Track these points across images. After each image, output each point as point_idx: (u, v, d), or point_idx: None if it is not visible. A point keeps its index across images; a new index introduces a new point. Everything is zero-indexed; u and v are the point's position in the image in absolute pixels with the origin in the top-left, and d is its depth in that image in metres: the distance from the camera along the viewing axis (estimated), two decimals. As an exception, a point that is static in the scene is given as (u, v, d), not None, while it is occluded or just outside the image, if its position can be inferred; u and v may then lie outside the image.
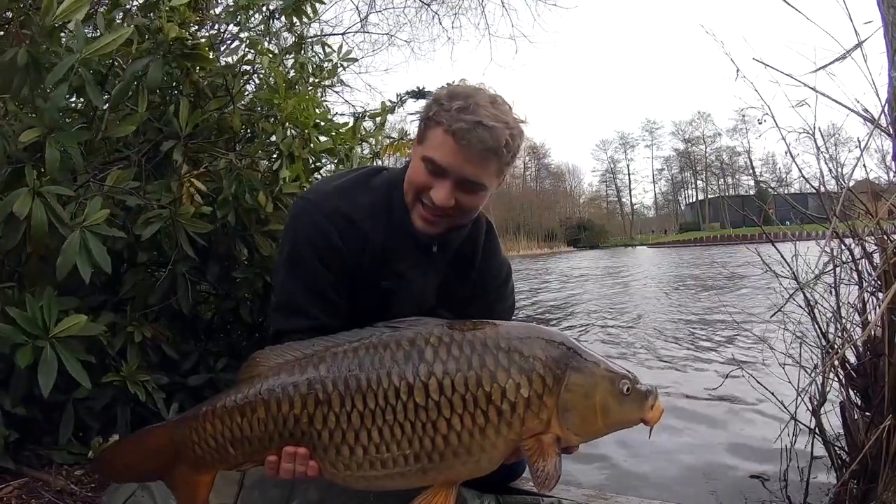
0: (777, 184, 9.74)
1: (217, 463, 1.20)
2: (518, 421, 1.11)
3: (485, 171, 1.37)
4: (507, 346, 1.14)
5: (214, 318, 2.48)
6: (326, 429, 1.12)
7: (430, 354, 1.12)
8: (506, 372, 1.11)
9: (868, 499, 1.98)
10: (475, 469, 1.14)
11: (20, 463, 1.88)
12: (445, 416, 1.10)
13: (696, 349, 5.71)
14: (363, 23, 10.12)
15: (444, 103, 1.35)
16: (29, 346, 1.63)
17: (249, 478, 1.51)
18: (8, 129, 1.70)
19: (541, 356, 1.13)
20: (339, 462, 1.14)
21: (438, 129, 1.34)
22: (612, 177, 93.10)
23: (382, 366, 1.12)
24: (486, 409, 1.10)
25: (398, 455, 1.11)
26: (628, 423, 1.18)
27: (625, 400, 1.14)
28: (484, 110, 1.32)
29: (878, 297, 2.11)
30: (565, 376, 1.13)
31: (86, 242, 1.65)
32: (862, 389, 2.14)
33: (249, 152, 2.33)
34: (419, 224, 1.44)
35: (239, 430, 1.16)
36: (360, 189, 1.53)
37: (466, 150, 1.32)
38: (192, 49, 1.95)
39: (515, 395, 1.10)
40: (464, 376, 1.10)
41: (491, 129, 1.31)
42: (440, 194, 1.36)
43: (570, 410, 1.12)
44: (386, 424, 1.10)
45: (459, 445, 1.11)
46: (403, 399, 1.10)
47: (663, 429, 3.38)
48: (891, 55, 2.12)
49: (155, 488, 1.50)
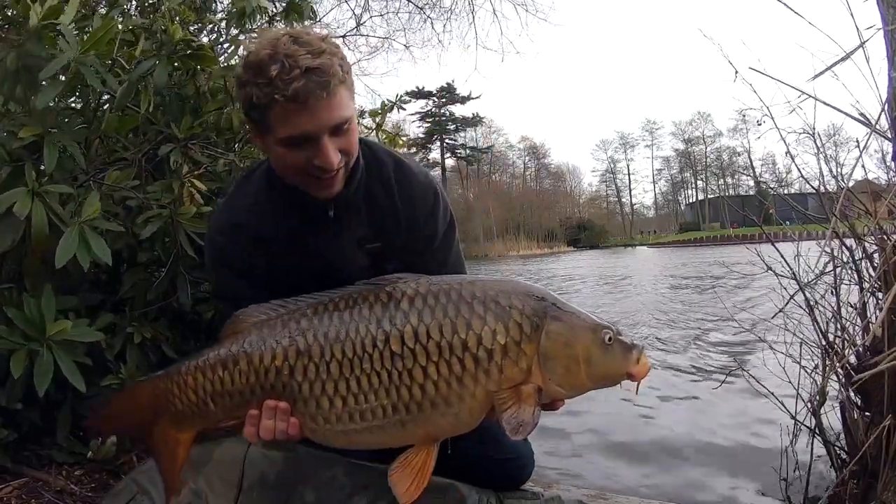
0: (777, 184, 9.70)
1: (197, 419, 1.20)
2: (496, 369, 1.10)
3: (341, 106, 1.27)
4: (483, 296, 1.13)
5: (214, 318, 2.47)
6: (307, 380, 1.12)
7: (407, 305, 1.13)
8: (481, 320, 1.11)
9: (868, 498, 1.98)
10: (455, 423, 1.13)
11: (20, 463, 1.89)
12: (421, 365, 1.10)
13: (696, 349, 5.70)
14: (359, 27, 10.17)
15: (259, 81, 1.22)
16: (24, 350, 1.63)
17: (248, 480, 1.51)
18: (6, 125, 1.70)
19: (518, 305, 1.13)
20: (318, 415, 1.13)
21: (275, 107, 1.23)
22: (612, 177, 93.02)
23: (361, 317, 1.13)
24: (463, 356, 1.10)
25: (376, 406, 1.11)
26: (614, 377, 1.15)
27: (608, 350, 1.13)
28: (297, 55, 1.21)
29: (878, 297, 2.11)
30: (544, 324, 1.12)
31: (84, 236, 1.65)
32: (862, 389, 2.14)
33: (250, 153, 2.33)
34: (322, 194, 1.39)
35: (220, 383, 1.16)
36: (240, 191, 1.53)
37: (315, 101, 1.22)
38: (197, 50, 1.96)
39: (492, 342, 1.10)
40: (439, 324, 1.10)
41: (319, 67, 1.21)
42: (326, 159, 1.28)
43: (551, 359, 1.11)
44: (364, 374, 1.10)
45: (437, 395, 1.10)
46: (380, 347, 1.10)
47: (662, 428, 3.38)
48: (891, 55, 2.12)
49: (155, 492, 1.50)
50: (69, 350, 1.68)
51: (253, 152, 2.36)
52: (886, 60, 2.11)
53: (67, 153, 1.79)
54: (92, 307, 2.02)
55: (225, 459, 1.51)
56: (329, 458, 1.48)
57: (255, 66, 1.23)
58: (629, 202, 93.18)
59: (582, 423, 3.49)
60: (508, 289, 1.17)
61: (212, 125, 2.29)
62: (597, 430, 3.36)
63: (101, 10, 2.04)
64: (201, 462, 1.49)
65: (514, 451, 1.63)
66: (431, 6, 11.21)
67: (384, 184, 1.52)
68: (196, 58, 1.99)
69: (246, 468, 1.51)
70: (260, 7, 2.40)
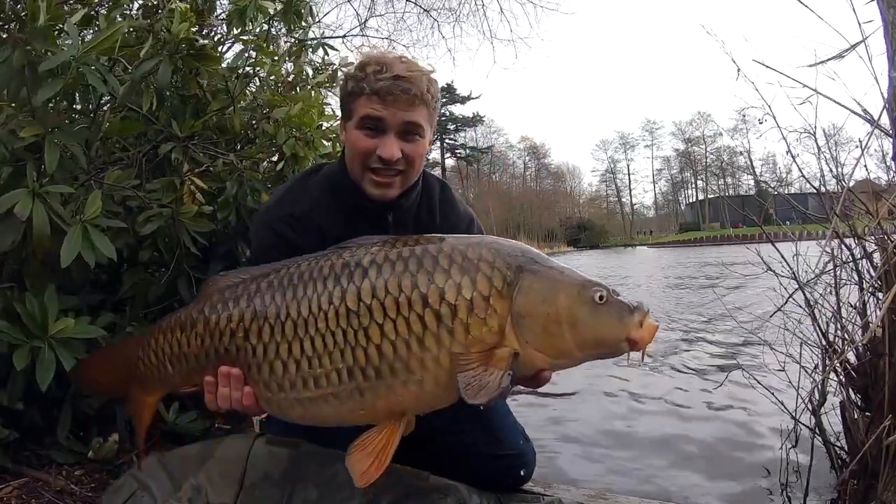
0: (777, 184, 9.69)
1: (158, 382, 1.20)
2: (461, 328, 0.97)
3: (418, 114, 1.43)
4: (450, 250, 1.03)
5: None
6: (261, 343, 1.06)
7: (368, 260, 1.05)
8: (445, 273, 1.00)
9: (868, 498, 1.98)
10: (420, 393, 1.01)
11: (20, 463, 1.89)
12: (378, 322, 0.99)
13: (696, 348, 5.71)
14: (362, 27, 10.15)
15: (357, 74, 1.44)
16: (27, 347, 1.63)
17: (249, 478, 1.51)
18: (8, 125, 1.70)
19: (488, 258, 1.01)
20: (272, 381, 1.07)
21: (361, 97, 1.42)
22: (612, 177, 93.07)
23: (320, 274, 1.07)
24: (423, 313, 0.98)
25: (331, 370, 1.02)
26: (610, 342, 1.00)
27: (598, 310, 0.98)
28: (397, 66, 1.41)
29: (878, 297, 2.11)
30: (519, 279, 0.99)
31: (87, 234, 1.66)
32: (862, 389, 2.14)
33: (251, 153, 2.34)
34: (374, 191, 1.49)
35: (178, 345, 1.15)
36: (299, 191, 1.60)
37: (394, 101, 1.40)
38: (200, 49, 1.96)
39: (456, 296, 0.98)
40: (398, 279, 1.00)
41: (409, 79, 1.40)
42: (387, 149, 1.41)
43: (525, 317, 0.98)
44: (318, 334, 1.02)
45: (396, 358, 0.99)
46: (335, 304, 1.02)
47: (663, 428, 3.39)
48: (891, 55, 2.12)
49: (155, 488, 1.50)
50: (71, 348, 1.69)
51: (253, 152, 2.36)
52: (887, 60, 2.11)
53: (69, 153, 1.79)
54: (93, 307, 2.02)
55: (227, 455, 1.51)
56: (331, 455, 1.48)
57: (360, 66, 1.46)
58: (629, 202, 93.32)
59: (581, 423, 3.49)
60: (480, 243, 1.07)
61: (213, 125, 2.30)
62: (596, 431, 3.36)
63: (102, 10, 2.04)
64: (203, 458, 1.49)
65: (515, 449, 1.63)
66: (439, 10, 11.20)
67: (430, 204, 1.66)
68: (199, 57, 1.99)
69: (249, 465, 1.51)
70: (259, 7, 2.40)
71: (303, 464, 1.51)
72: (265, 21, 2.57)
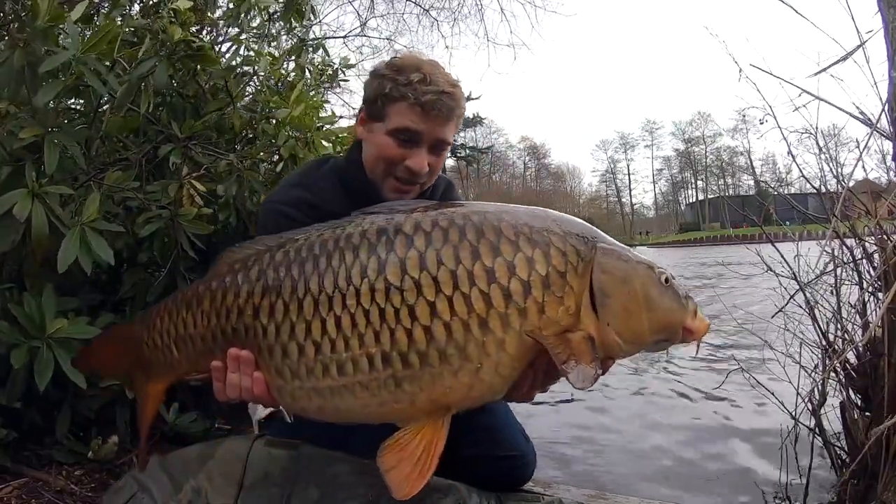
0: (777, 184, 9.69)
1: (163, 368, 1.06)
2: (535, 307, 0.82)
3: (450, 130, 1.47)
4: (512, 220, 0.86)
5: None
6: (273, 322, 0.89)
7: (410, 227, 0.86)
8: (512, 245, 0.83)
9: (868, 499, 1.98)
10: (474, 383, 0.84)
11: (20, 463, 1.89)
12: (428, 300, 0.81)
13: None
14: (363, 27, 10.15)
15: (399, 78, 1.41)
16: (25, 347, 1.63)
17: (250, 477, 1.51)
18: (8, 126, 1.70)
19: (556, 230, 0.87)
20: (285, 367, 0.89)
21: (402, 103, 1.40)
22: (611, 177, 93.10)
23: (349, 243, 0.88)
24: (488, 289, 0.81)
25: (360, 355, 0.83)
26: (674, 327, 0.91)
27: (666, 292, 0.89)
28: (440, 78, 1.42)
29: (878, 297, 2.11)
30: (594, 256, 0.87)
31: (85, 237, 1.66)
32: (862, 389, 2.14)
33: (250, 154, 2.33)
34: (392, 195, 1.48)
35: (183, 325, 1.00)
36: (313, 178, 1.59)
37: (436, 117, 1.40)
38: (198, 50, 1.96)
39: (528, 272, 0.82)
40: (454, 248, 0.82)
41: (451, 95, 1.41)
42: (418, 162, 1.42)
43: (608, 297, 0.85)
44: (346, 312, 0.83)
45: (449, 343, 0.81)
46: (371, 278, 0.83)
47: (662, 428, 3.39)
48: (891, 55, 2.12)
49: (155, 489, 1.50)
50: (69, 348, 1.69)
51: (253, 152, 2.36)
52: (887, 60, 2.11)
53: (68, 154, 1.79)
54: (92, 307, 2.02)
55: (227, 457, 1.51)
56: (332, 455, 1.48)
57: (399, 68, 1.43)
58: (629, 202, 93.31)
59: (581, 423, 3.49)
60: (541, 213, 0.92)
61: (213, 125, 2.30)
62: (596, 431, 3.36)
63: (102, 10, 2.04)
64: (203, 459, 1.49)
65: (516, 450, 1.63)
66: (438, 9, 11.21)
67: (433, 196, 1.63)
68: (196, 58, 1.99)
69: (248, 465, 1.51)
70: (259, 6, 2.40)
71: (303, 464, 1.51)
72: (265, 20, 2.57)
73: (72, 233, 1.64)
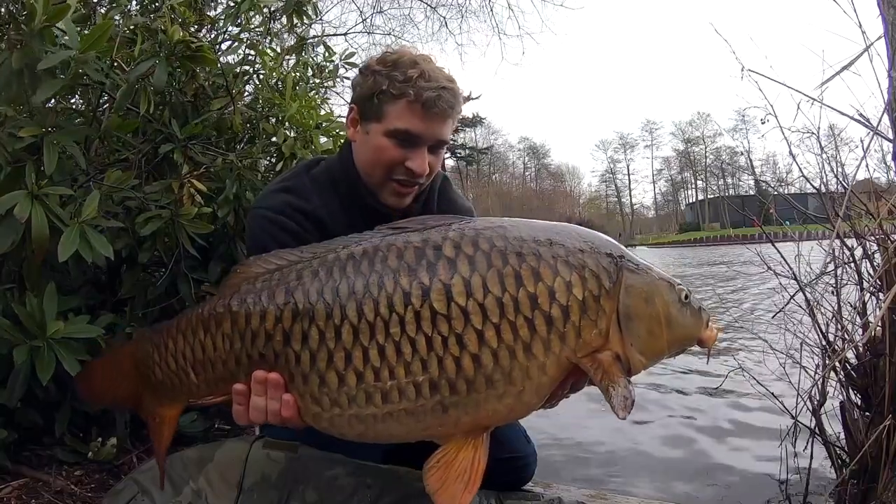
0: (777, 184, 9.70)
1: (178, 392, 1.01)
2: (573, 332, 0.85)
3: (450, 128, 1.41)
4: (546, 239, 0.89)
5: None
6: (307, 349, 0.87)
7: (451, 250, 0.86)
8: (551, 269, 0.86)
9: (868, 499, 1.98)
10: (515, 406, 0.87)
11: (20, 463, 1.89)
12: (476, 328, 0.83)
13: (696, 348, 5.69)
14: (367, 24, 10.13)
15: (395, 74, 1.33)
16: (26, 347, 1.63)
17: (249, 480, 1.51)
18: (7, 127, 1.69)
19: (588, 250, 0.90)
20: (323, 396, 0.87)
21: (401, 100, 1.33)
22: (611, 177, 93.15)
23: (386, 267, 0.86)
24: (532, 316, 0.84)
25: (407, 384, 0.84)
26: (688, 341, 0.98)
27: (684, 309, 0.94)
28: (438, 73, 1.35)
29: (878, 297, 2.11)
30: (621, 276, 0.89)
31: (85, 235, 1.65)
32: (862, 389, 2.14)
33: (250, 153, 2.33)
34: (393, 200, 1.44)
35: (201, 348, 0.95)
36: (304, 182, 1.52)
37: (437, 115, 1.34)
38: (196, 51, 1.95)
39: (567, 296, 0.85)
40: (499, 273, 0.84)
41: (451, 90, 1.35)
42: (419, 163, 1.37)
43: (633, 319, 0.89)
44: (390, 341, 0.83)
45: (496, 369, 0.84)
46: (416, 305, 0.83)
47: (662, 428, 3.38)
48: (891, 55, 2.12)
49: (155, 492, 1.50)
50: (70, 348, 1.69)
51: (253, 152, 2.36)
52: (887, 60, 2.11)
53: (67, 154, 1.78)
54: (92, 307, 2.02)
55: (226, 459, 1.51)
56: (331, 457, 1.48)
57: (394, 63, 1.34)
58: (629, 202, 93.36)
59: (581, 423, 3.48)
60: (569, 230, 0.94)
61: (213, 125, 2.29)
62: (596, 431, 3.35)
63: (101, 9, 2.04)
64: (202, 461, 1.49)
65: (517, 450, 1.63)
66: (446, 5, 11.17)
67: (428, 200, 1.60)
68: (195, 59, 1.98)
69: (247, 468, 1.51)
70: (257, 6, 2.40)
71: (302, 466, 1.51)
72: (266, 18, 2.57)
73: (71, 229, 1.63)
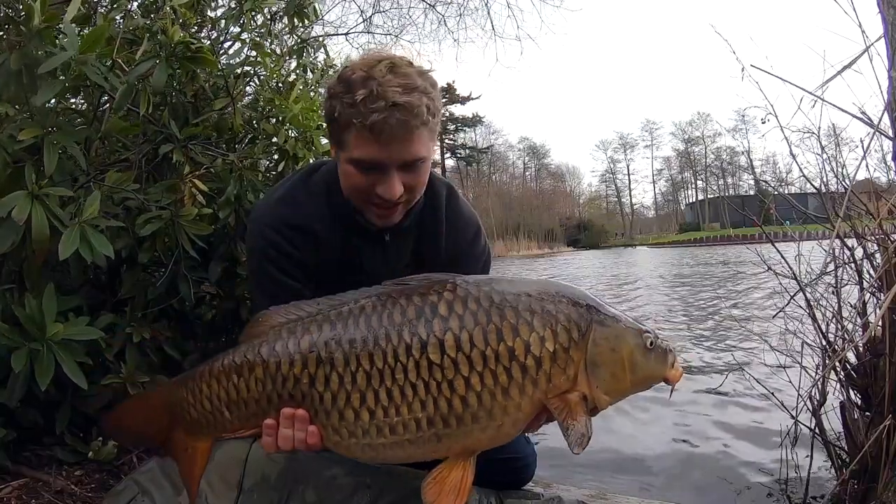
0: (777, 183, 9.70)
1: (212, 428, 1.15)
2: (544, 378, 1.04)
3: (418, 145, 1.29)
4: (526, 299, 1.07)
5: (215, 318, 2.48)
6: (329, 391, 1.06)
7: (445, 309, 1.05)
8: (528, 325, 1.05)
9: (868, 499, 1.98)
10: (496, 435, 1.07)
11: (20, 463, 1.89)
12: (464, 375, 1.02)
13: (696, 348, 5.70)
14: (367, 24, 10.12)
15: (345, 98, 1.25)
16: (25, 350, 1.63)
17: (249, 480, 1.51)
18: (7, 128, 1.69)
19: (563, 309, 1.08)
20: (342, 428, 1.07)
21: (352, 129, 1.25)
22: (611, 177, 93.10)
23: (392, 322, 1.05)
24: (510, 365, 1.03)
25: (409, 419, 1.04)
26: (653, 381, 1.13)
27: (650, 354, 1.09)
28: (388, 86, 1.21)
29: (878, 297, 2.11)
30: (590, 329, 1.07)
31: (85, 234, 1.66)
32: (862, 389, 2.14)
33: (251, 153, 2.33)
34: (378, 221, 1.42)
35: (235, 391, 1.11)
36: (300, 193, 1.49)
37: (391, 138, 1.24)
38: (196, 52, 1.95)
39: (540, 349, 1.04)
40: (483, 330, 1.03)
41: (405, 106, 1.21)
42: (389, 190, 1.30)
43: (599, 366, 1.07)
44: (395, 385, 1.03)
45: (480, 408, 1.03)
46: (416, 356, 1.03)
47: (662, 428, 3.38)
48: (891, 55, 2.12)
49: (155, 493, 1.51)
50: (69, 350, 1.69)
51: (254, 152, 2.36)
52: (887, 60, 2.11)
53: (68, 154, 1.78)
54: (92, 307, 2.02)
55: (226, 460, 1.51)
56: (329, 458, 1.48)
57: (347, 84, 1.25)
58: (629, 202, 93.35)
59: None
60: (551, 291, 1.11)
61: (213, 125, 2.29)
62: (596, 431, 3.35)
63: (101, 10, 2.04)
64: (202, 462, 1.49)
65: (516, 451, 1.63)
66: (445, 3, 11.14)
67: (435, 211, 1.56)
68: (195, 60, 1.97)
69: (247, 469, 1.51)
70: (258, 7, 2.40)
71: (301, 466, 1.51)
72: (267, 19, 2.57)
73: (71, 229, 1.63)
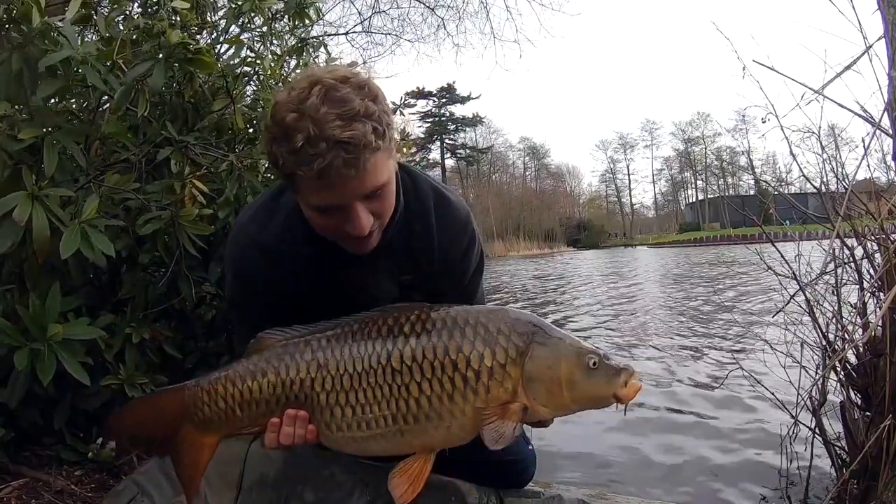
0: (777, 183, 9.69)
1: (222, 425, 1.31)
2: (483, 388, 1.22)
3: (374, 175, 1.19)
4: (474, 322, 1.28)
5: (215, 318, 2.48)
6: (324, 391, 1.26)
7: (409, 329, 1.28)
8: (471, 343, 1.24)
9: (868, 499, 1.98)
10: (448, 436, 1.25)
11: (20, 463, 1.89)
12: (416, 381, 1.23)
13: (696, 348, 5.71)
14: (366, 24, 10.13)
15: (284, 147, 1.14)
16: (26, 350, 1.63)
17: (248, 479, 1.51)
18: (7, 128, 1.70)
19: (505, 331, 1.26)
20: (332, 423, 1.27)
21: (299, 177, 1.17)
22: (611, 177, 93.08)
23: (369, 337, 1.29)
24: (452, 375, 1.23)
25: (379, 416, 1.24)
26: (599, 399, 1.25)
27: (592, 374, 1.22)
28: (325, 123, 1.11)
29: (878, 297, 2.11)
30: (529, 349, 1.24)
31: (86, 234, 1.66)
32: (862, 389, 2.14)
33: (250, 154, 2.33)
34: (356, 250, 1.36)
35: (249, 392, 1.29)
36: (270, 213, 1.44)
37: (343, 179, 1.15)
38: (195, 54, 1.95)
39: (479, 364, 1.23)
40: (433, 346, 1.25)
41: (349, 141, 1.11)
42: (355, 226, 1.25)
43: (534, 381, 1.22)
44: (370, 386, 1.24)
45: (430, 409, 1.23)
46: (383, 363, 1.25)
47: (663, 428, 3.39)
48: (891, 55, 2.12)
49: (154, 492, 1.51)
50: (70, 350, 1.69)
51: (253, 153, 2.36)
52: (887, 60, 2.11)
53: (68, 154, 1.78)
54: (92, 307, 2.02)
55: (225, 459, 1.51)
56: (327, 457, 1.49)
57: (281, 128, 1.15)
58: (629, 202, 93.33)
59: (581, 423, 3.49)
60: (499, 316, 1.29)
61: (212, 126, 2.29)
62: (596, 431, 3.36)
63: (101, 10, 2.04)
64: (202, 462, 1.49)
65: (516, 453, 1.63)
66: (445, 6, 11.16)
67: (424, 218, 1.48)
68: (194, 62, 1.97)
69: (246, 467, 1.52)
70: (258, 8, 2.40)
71: (299, 465, 1.52)
72: (267, 19, 2.57)
73: (71, 229, 1.63)
